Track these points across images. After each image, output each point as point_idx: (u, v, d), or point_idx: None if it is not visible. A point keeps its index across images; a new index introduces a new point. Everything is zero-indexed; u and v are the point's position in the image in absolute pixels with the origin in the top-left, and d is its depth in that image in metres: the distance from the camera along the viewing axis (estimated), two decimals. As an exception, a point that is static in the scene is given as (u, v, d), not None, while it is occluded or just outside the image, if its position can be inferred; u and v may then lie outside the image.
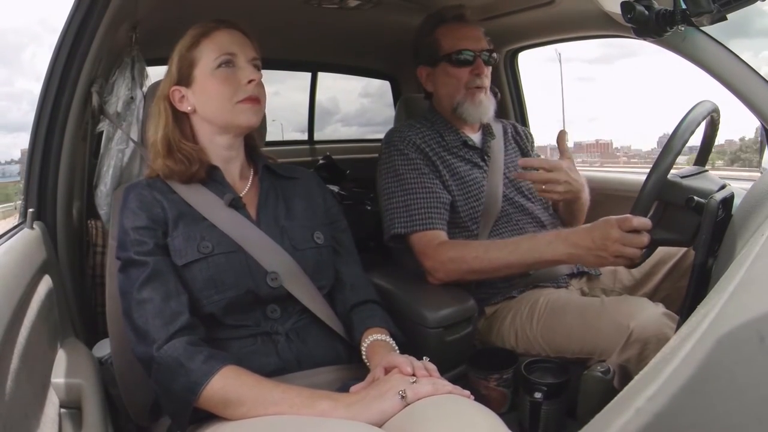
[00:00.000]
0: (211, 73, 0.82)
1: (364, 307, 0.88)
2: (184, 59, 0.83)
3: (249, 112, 0.83)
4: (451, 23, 1.22)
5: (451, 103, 1.22)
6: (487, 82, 1.22)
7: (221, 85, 0.82)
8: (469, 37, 1.20)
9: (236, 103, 0.82)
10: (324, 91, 2.12)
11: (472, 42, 1.20)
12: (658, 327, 0.90)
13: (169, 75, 0.85)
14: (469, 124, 1.24)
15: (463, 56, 1.19)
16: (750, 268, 0.45)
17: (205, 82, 0.82)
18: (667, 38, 0.93)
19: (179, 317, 0.73)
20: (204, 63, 0.82)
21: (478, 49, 1.20)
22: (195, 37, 0.83)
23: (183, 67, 0.83)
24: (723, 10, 0.85)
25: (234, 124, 0.84)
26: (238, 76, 0.82)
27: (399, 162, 1.16)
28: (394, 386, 0.66)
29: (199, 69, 0.83)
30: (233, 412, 0.68)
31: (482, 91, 1.21)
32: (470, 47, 1.19)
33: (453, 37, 1.21)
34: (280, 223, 0.85)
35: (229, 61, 0.82)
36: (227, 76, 0.82)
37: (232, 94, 0.82)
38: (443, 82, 1.23)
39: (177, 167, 0.82)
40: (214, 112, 0.83)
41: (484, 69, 1.20)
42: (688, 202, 0.84)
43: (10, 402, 0.54)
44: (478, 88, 1.20)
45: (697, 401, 0.39)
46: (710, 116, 0.93)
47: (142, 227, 0.78)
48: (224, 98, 0.82)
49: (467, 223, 1.15)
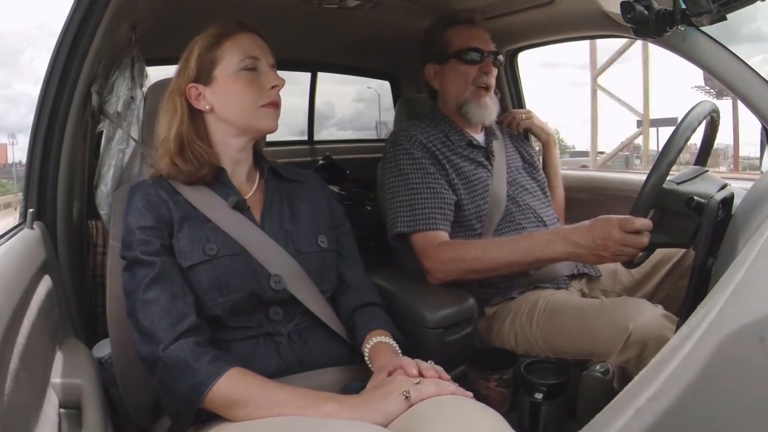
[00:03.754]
0: (234, 75, 0.82)
1: (367, 310, 0.88)
2: (205, 57, 0.82)
3: (270, 117, 0.84)
4: (462, 24, 1.26)
5: (458, 101, 1.24)
6: (493, 83, 1.24)
7: (246, 87, 0.82)
8: (478, 38, 1.24)
9: (259, 107, 0.82)
10: (319, 96, 2.12)
11: (481, 42, 1.24)
12: (657, 328, 0.90)
13: (185, 71, 0.83)
14: (472, 125, 1.25)
15: (473, 54, 1.22)
16: (750, 269, 0.45)
17: (227, 82, 0.82)
18: (666, 38, 0.93)
19: (186, 318, 0.73)
20: (227, 63, 0.82)
21: (487, 50, 1.23)
22: (216, 36, 0.83)
23: (203, 64, 0.82)
24: (723, 10, 0.85)
25: (255, 128, 0.84)
26: (261, 80, 0.83)
27: (404, 161, 1.17)
28: (398, 387, 0.66)
29: (220, 69, 0.82)
30: (237, 413, 0.68)
31: (488, 93, 1.23)
32: (480, 46, 1.23)
33: (463, 36, 1.24)
34: (285, 226, 0.85)
35: (253, 65, 0.82)
36: (251, 79, 0.82)
37: (256, 98, 0.82)
38: (452, 80, 1.25)
39: (186, 167, 0.81)
40: (236, 113, 0.83)
41: (492, 68, 1.23)
42: (688, 202, 0.84)
43: (10, 402, 0.54)
44: (484, 88, 1.22)
45: (697, 401, 0.39)
46: (710, 116, 0.93)
47: (149, 227, 0.78)
48: (248, 101, 0.82)
49: (472, 222, 1.16)
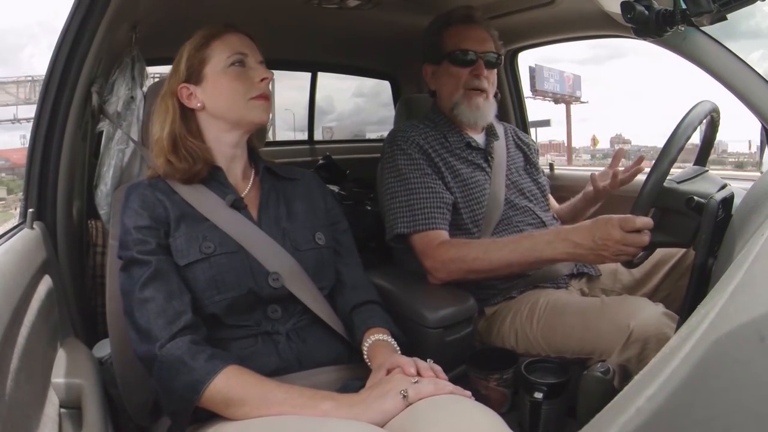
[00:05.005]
0: (223, 71, 0.83)
1: (365, 308, 0.88)
2: (194, 57, 0.84)
3: (260, 109, 0.85)
4: (459, 24, 1.22)
5: (450, 103, 1.22)
6: (488, 85, 1.21)
7: (234, 81, 0.83)
8: (473, 38, 1.21)
9: (249, 100, 0.84)
10: (318, 90, 2.12)
11: (475, 43, 1.20)
12: (658, 326, 0.90)
13: (176, 73, 0.85)
14: (471, 125, 1.23)
15: (465, 56, 1.19)
16: (750, 269, 0.45)
17: (217, 78, 0.83)
18: (667, 38, 0.93)
19: (182, 316, 0.73)
20: (216, 61, 0.84)
21: (481, 51, 1.20)
22: (205, 37, 0.84)
23: (193, 65, 0.84)
24: (723, 10, 0.85)
25: (246, 120, 0.85)
26: (250, 74, 0.84)
27: (402, 162, 1.16)
28: (396, 386, 0.66)
29: (210, 67, 0.84)
30: (235, 412, 0.68)
31: (481, 95, 1.20)
32: (472, 47, 1.19)
33: (458, 36, 1.21)
34: (281, 224, 0.85)
35: (241, 60, 0.84)
36: (240, 73, 0.84)
37: (245, 91, 0.83)
38: (444, 81, 1.23)
39: (180, 165, 0.82)
40: (227, 107, 0.84)
41: (485, 71, 1.20)
42: (688, 202, 0.84)
43: (10, 402, 0.54)
44: (476, 90, 1.19)
45: (697, 401, 0.39)
46: (710, 116, 0.93)
47: (145, 227, 0.78)
48: (238, 94, 0.83)
49: (468, 225, 1.15)
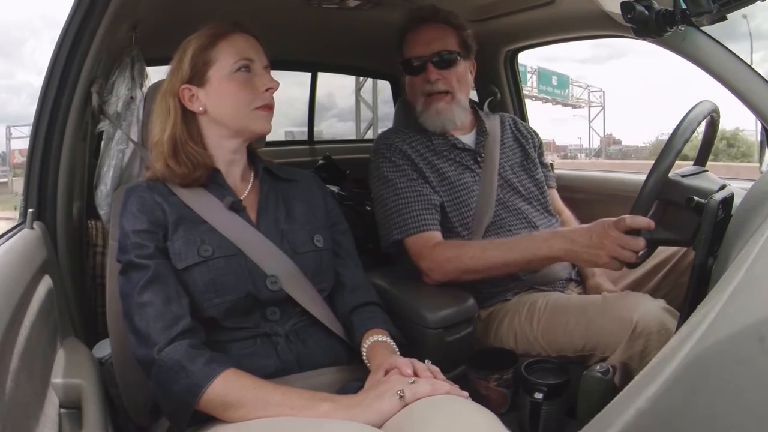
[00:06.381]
0: (228, 76, 0.81)
1: (365, 309, 0.88)
2: (199, 58, 0.82)
3: (264, 120, 0.84)
4: (411, 30, 1.18)
5: (416, 113, 1.19)
6: (446, 86, 1.15)
7: (240, 89, 0.81)
8: (420, 42, 1.15)
9: (253, 110, 0.82)
10: (319, 87, 2.11)
11: (422, 47, 1.15)
12: (661, 320, 0.90)
13: (178, 72, 0.82)
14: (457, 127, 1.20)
15: (412, 64, 1.17)
16: (750, 269, 0.45)
17: (221, 84, 0.81)
18: (666, 38, 0.93)
19: (180, 320, 0.73)
20: (221, 65, 0.81)
21: (428, 54, 1.14)
22: (211, 37, 0.82)
23: (197, 65, 0.82)
24: (723, 10, 0.85)
25: (248, 130, 0.84)
26: (255, 82, 0.82)
27: (387, 169, 1.15)
28: (393, 387, 0.66)
29: (214, 70, 0.82)
30: (233, 415, 0.68)
31: (443, 98, 1.15)
32: (418, 53, 1.15)
33: (408, 45, 1.18)
34: (280, 226, 0.85)
35: (247, 66, 0.82)
36: (245, 81, 0.82)
37: (250, 100, 0.82)
38: (409, 92, 1.21)
39: (180, 170, 0.81)
40: (230, 115, 0.83)
41: (435, 74, 1.14)
42: (688, 202, 0.84)
43: (10, 402, 0.54)
44: (432, 95, 1.16)
45: (697, 401, 0.39)
46: (710, 116, 0.93)
47: (143, 231, 0.78)
48: (242, 103, 0.82)
49: (458, 228, 1.13)
